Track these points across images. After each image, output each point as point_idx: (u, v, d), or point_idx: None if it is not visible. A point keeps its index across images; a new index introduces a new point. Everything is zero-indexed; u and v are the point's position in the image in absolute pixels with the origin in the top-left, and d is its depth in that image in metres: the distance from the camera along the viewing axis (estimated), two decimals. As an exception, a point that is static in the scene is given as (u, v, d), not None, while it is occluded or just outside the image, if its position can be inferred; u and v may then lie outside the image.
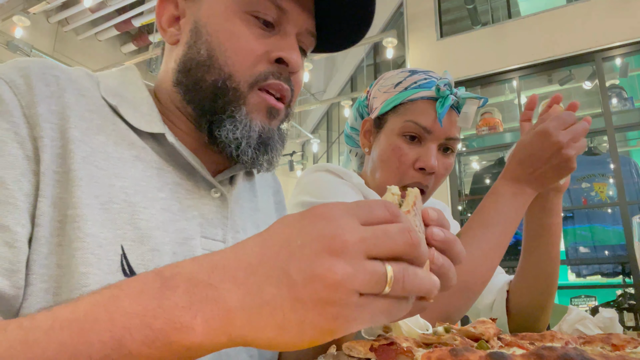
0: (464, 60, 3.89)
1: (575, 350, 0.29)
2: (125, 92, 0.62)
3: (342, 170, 0.98)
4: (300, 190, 0.97)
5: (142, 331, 0.33)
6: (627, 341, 0.47)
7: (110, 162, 0.55)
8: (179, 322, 0.32)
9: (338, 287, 0.31)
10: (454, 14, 4.92)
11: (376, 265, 0.33)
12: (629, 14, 3.32)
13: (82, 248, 0.49)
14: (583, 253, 3.35)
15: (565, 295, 4.09)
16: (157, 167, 0.60)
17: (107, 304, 0.34)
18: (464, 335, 0.48)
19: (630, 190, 3.20)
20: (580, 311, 0.74)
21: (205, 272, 0.34)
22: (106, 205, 0.52)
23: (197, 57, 0.61)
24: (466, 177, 4.20)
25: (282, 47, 0.61)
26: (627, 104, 3.43)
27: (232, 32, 0.60)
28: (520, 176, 0.79)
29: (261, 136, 0.61)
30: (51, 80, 0.55)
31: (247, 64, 0.60)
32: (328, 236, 0.32)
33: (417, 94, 0.95)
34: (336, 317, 0.32)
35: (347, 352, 0.40)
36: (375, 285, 0.32)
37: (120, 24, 5.24)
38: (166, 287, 0.34)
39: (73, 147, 0.52)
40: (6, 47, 4.28)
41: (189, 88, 0.61)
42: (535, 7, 4.06)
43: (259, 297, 0.32)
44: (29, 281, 0.47)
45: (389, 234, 0.34)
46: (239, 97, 0.60)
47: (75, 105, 0.55)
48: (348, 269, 0.31)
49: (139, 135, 0.60)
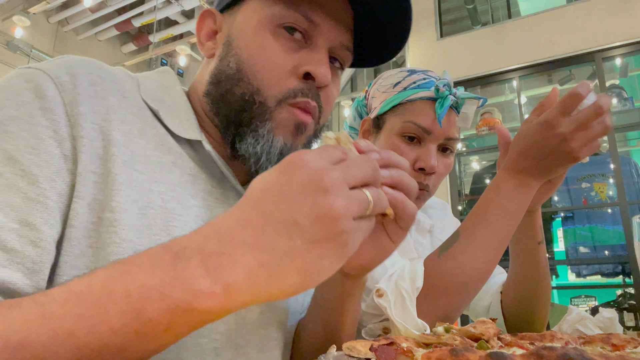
0: (464, 60, 3.89)
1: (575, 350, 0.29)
2: (165, 96, 0.63)
3: None
4: None
5: (162, 300, 0.34)
6: (627, 341, 0.47)
7: (150, 166, 0.55)
8: (199, 289, 0.34)
9: (341, 218, 0.36)
10: (454, 14, 4.92)
11: (359, 193, 0.39)
12: (629, 14, 3.32)
13: (117, 253, 0.48)
14: (583, 253, 3.35)
15: (565, 295, 4.10)
16: (191, 174, 0.60)
17: (122, 277, 0.35)
18: (464, 335, 0.47)
19: (630, 190, 3.20)
20: (580, 311, 0.74)
21: (214, 243, 0.36)
22: (143, 210, 0.52)
23: (227, 70, 0.61)
24: (466, 177, 4.20)
25: (310, 61, 0.60)
26: (627, 104, 3.43)
27: (261, 46, 0.59)
28: (522, 168, 0.74)
29: (282, 153, 0.60)
30: (96, 80, 0.55)
31: (275, 79, 0.59)
32: (315, 180, 0.37)
33: (416, 94, 0.94)
34: (345, 243, 0.37)
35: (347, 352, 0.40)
36: (363, 209, 0.39)
37: (120, 24, 5.24)
38: (179, 260, 0.35)
39: (115, 149, 0.52)
40: (6, 47, 4.28)
41: (217, 99, 0.62)
42: (535, 7, 4.06)
43: (274, 252, 0.35)
44: (57, 282, 0.47)
45: (358, 165, 0.40)
46: (265, 112, 0.59)
47: (118, 108, 0.55)
48: (343, 201, 0.37)
49: (176, 140, 0.60)
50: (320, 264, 0.36)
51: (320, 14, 0.60)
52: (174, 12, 4.88)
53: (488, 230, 0.74)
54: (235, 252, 0.35)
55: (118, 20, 5.13)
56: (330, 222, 0.36)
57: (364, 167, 0.40)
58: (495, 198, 0.75)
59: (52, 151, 0.48)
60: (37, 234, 0.45)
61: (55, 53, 5.06)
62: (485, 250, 0.73)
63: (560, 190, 3.53)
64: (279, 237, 0.35)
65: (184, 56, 4.89)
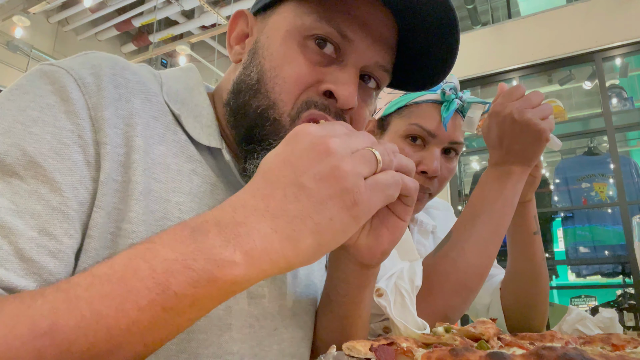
0: (464, 60, 3.89)
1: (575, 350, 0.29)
2: (188, 98, 0.60)
3: None
4: None
5: (185, 273, 0.34)
6: (627, 341, 0.47)
7: (169, 174, 0.53)
8: (220, 259, 0.35)
9: (346, 176, 0.37)
10: (454, 14, 4.91)
11: (365, 151, 0.40)
12: (629, 14, 3.32)
13: None
14: (583, 253, 3.35)
15: (565, 295, 4.10)
16: (211, 183, 0.57)
17: (144, 255, 0.35)
18: (464, 335, 0.48)
19: (630, 190, 3.20)
20: (580, 311, 0.74)
21: (229, 214, 0.37)
22: (160, 222, 0.50)
23: (248, 80, 0.57)
24: (466, 177, 4.20)
25: (335, 79, 0.55)
26: (627, 104, 3.43)
27: (285, 56, 0.55)
28: (499, 159, 0.77)
29: None
30: (121, 82, 0.52)
31: (294, 92, 0.54)
32: (317, 144, 0.38)
33: (422, 96, 0.94)
34: (355, 202, 0.38)
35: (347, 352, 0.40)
36: (370, 164, 0.40)
37: (120, 24, 5.24)
38: (198, 233, 0.36)
39: (137, 157, 0.50)
40: (6, 47, 4.29)
41: (235, 111, 0.58)
42: (535, 7, 4.06)
43: (285, 215, 0.37)
44: None
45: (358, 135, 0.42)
46: (279, 130, 0.55)
47: (142, 111, 0.53)
48: (346, 160, 0.38)
49: (197, 147, 0.58)
50: (331, 225, 0.37)
51: (356, 30, 0.55)
52: (174, 12, 4.88)
53: (477, 224, 0.74)
54: (249, 220, 0.36)
55: (118, 20, 5.13)
56: (336, 181, 0.37)
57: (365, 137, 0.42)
58: (480, 194, 0.77)
59: (76, 158, 0.46)
60: (56, 245, 0.43)
61: (55, 53, 5.06)
62: (477, 246, 0.73)
63: (560, 190, 3.54)
64: (287, 201, 0.37)
65: (184, 56, 4.89)
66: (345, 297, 0.59)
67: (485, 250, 0.74)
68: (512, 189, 0.76)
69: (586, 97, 4.24)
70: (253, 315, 0.57)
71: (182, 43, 4.77)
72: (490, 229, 0.74)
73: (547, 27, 3.61)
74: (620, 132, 3.44)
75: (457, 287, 0.72)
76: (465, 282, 0.73)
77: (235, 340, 0.55)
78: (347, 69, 0.56)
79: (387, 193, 0.41)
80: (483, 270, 0.74)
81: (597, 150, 3.53)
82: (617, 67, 3.66)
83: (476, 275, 0.74)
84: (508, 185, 0.75)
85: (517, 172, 0.76)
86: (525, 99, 0.75)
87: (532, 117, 0.73)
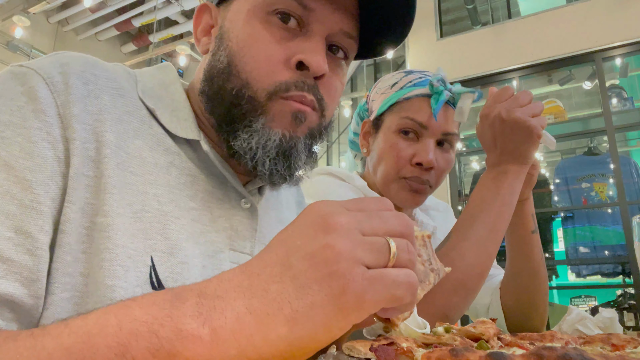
0: (464, 60, 3.89)
1: (575, 350, 0.29)
2: (164, 93, 0.60)
3: (344, 173, 0.99)
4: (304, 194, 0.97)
5: (148, 338, 0.31)
6: (627, 341, 0.47)
7: (146, 168, 0.53)
8: (186, 329, 0.31)
9: (338, 257, 0.31)
10: (454, 14, 4.92)
11: (376, 238, 0.33)
12: (629, 14, 3.32)
13: (110, 259, 0.47)
14: (583, 253, 3.35)
15: (565, 295, 4.10)
16: (190, 175, 0.58)
17: (118, 312, 0.33)
18: (464, 335, 0.48)
19: (630, 190, 3.20)
20: (580, 311, 0.74)
21: (213, 286, 0.34)
22: (138, 214, 0.50)
23: (218, 65, 0.58)
24: (466, 177, 4.20)
25: (303, 49, 0.55)
26: (627, 104, 3.43)
27: (250, 36, 0.56)
28: (494, 160, 0.79)
29: (282, 145, 0.56)
30: (90, 79, 0.53)
31: (266, 71, 0.55)
32: (319, 221, 0.33)
33: (412, 92, 0.97)
34: (344, 290, 0.31)
35: (347, 352, 0.40)
36: (378, 254, 0.33)
37: (120, 24, 5.24)
38: (177, 299, 0.33)
39: (108, 152, 0.50)
40: (6, 47, 4.29)
41: (210, 97, 0.58)
42: (535, 7, 4.06)
43: (264, 297, 0.32)
44: (50, 290, 0.46)
45: (382, 216, 0.35)
46: (257, 107, 0.55)
47: (113, 107, 0.53)
48: (345, 241, 0.32)
49: (174, 140, 0.58)
50: (311, 314, 0.31)
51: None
52: (174, 12, 4.88)
53: (475, 225, 0.75)
54: (228, 296, 0.33)
55: (118, 20, 5.13)
56: (325, 263, 0.32)
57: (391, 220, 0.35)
58: (478, 192, 0.78)
59: (45, 154, 0.46)
60: (33, 242, 0.44)
61: (55, 53, 5.06)
62: (476, 245, 0.74)
63: (560, 190, 3.54)
64: (272, 282, 0.32)
65: (184, 56, 4.88)
66: None
67: (484, 249, 0.74)
68: (508, 188, 0.77)
69: (586, 97, 4.23)
70: None
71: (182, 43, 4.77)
72: (488, 229, 0.75)
73: (547, 27, 3.61)
74: (620, 132, 3.44)
75: (457, 286, 0.72)
76: (465, 281, 0.73)
77: None
78: (313, 38, 0.56)
79: (393, 292, 0.33)
80: (482, 270, 0.75)
81: (597, 150, 3.53)
82: (617, 67, 3.66)
83: (476, 274, 0.74)
84: (504, 185, 0.77)
85: (512, 171, 0.77)
86: (513, 99, 0.77)
87: (521, 116, 0.75)
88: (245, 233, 0.62)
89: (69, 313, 0.45)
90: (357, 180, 0.98)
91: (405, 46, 4.33)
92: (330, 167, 1.01)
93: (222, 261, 0.57)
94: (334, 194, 0.93)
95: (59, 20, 5.08)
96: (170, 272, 0.51)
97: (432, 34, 4.19)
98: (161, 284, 0.49)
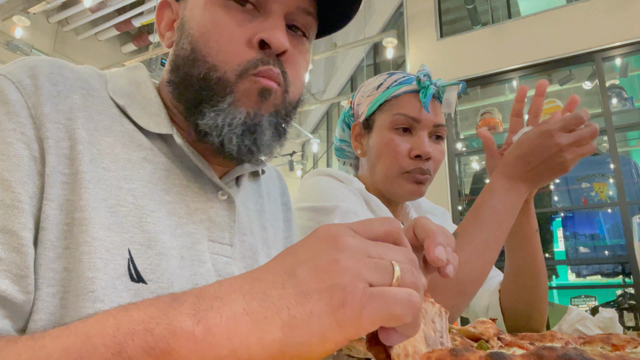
0: (464, 60, 3.89)
1: (575, 350, 0.29)
2: (134, 91, 0.62)
3: (343, 175, 1.01)
4: (301, 196, 0.99)
5: (144, 337, 0.32)
6: (627, 341, 0.47)
7: (119, 164, 0.54)
8: (180, 327, 0.32)
9: (343, 272, 0.32)
10: (454, 14, 4.92)
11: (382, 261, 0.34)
12: (629, 14, 3.32)
13: (89, 252, 0.48)
14: (583, 253, 3.35)
15: (565, 295, 4.10)
16: (165, 169, 0.59)
17: (117, 314, 0.34)
18: (464, 335, 0.48)
19: (630, 190, 3.20)
20: (580, 311, 0.74)
21: (213, 289, 0.34)
22: (114, 208, 0.51)
23: (182, 53, 0.59)
24: (466, 177, 4.20)
25: (263, 28, 0.57)
26: (627, 104, 3.43)
27: (211, 21, 0.58)
28: (515, 173, 0.79)
29: (246, 122, 0.57)
30: (59, 80, 0.54)
31: (232, 52, 0.57)
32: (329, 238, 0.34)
33: (399, 89, 1.01)
34: (343, 302, 0.31)
35: (347, 352, 0.40)
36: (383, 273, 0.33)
37: (120, 24, 5.24)
38: (175, 301, 0.34)
39: (81, 148, 0.51)
40: (6, 47, 4.28)
41: (177, 85, 0.60)
42: (535, 7, 4.06)
43: (264, 300, 0.33)
44: (35, 285, 0.46)
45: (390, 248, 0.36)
46: (226, 86, 0.57)
47: (83, 106, 0.54)
48: (352, 259, 0.33)
49: (147, 136, 0.59)
50: (308, 322, 0.31)
51: None
52: (174, 12, 4.87)
53: (482, 230, 0.76)
54: (228, 297, 0.33)
55: (118, 20, 5.13)
56: (328, 274, 0.32)
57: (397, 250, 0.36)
58: (488, 201, 0.79)
59: (21, 153, 0.48)
60: (18, 240, 0.45)
61: (55, 53, 5.06)
62: (480, 249, 0.75)
63: (560, 190, 3.53)
64: (274, 287, 0.33)
65: (184, 56, 4.88)
66: None
67: (487, 255, 0.76)
68: (516, 202, 0.79)
69: (586, 97, 4.23)
70: None
71: (182, 43, 4.77)
72: (493, 237, 0.76)
73: (547, 27, 3.61)
74: (620, 132, 3.44)
75: (457, 289, 0.73)
76: (465, 284, 0.74)
77: None
78: (272, 16, 0.58)
79: (392, 310, 0.32)
80: (481, 275, 0.76)
81: (597, 150, 3.53)
82: (617, 67, 3.66)
83: (476, 279, 0.75)
84: (513, 199, 0.79)
85: (522, 191, 0.79)
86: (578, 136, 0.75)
87: (571, 157, 0.75)
88: (224, 224, 0.62)
89: (56, 307, 0.46)
90: (355, 182, 1.00)
91: (405, 46, 4.34)
92: (330, 169, 1.03)
93: (201, 252, 0.58)
94: (333, 195, 0.94)
95: (59, 20, 5.08)
96: (149, 264, 0.51)
97: (432, 34, 4.18)
98: (140, 276, 0.50)
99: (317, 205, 0.92)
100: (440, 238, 0.40)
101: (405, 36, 4.33)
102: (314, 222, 0.90)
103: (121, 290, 0.48)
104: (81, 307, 0.46)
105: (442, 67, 3.83)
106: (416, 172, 0.98)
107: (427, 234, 0.41)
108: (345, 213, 0.88)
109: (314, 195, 0.96)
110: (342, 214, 0.88)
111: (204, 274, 0.56)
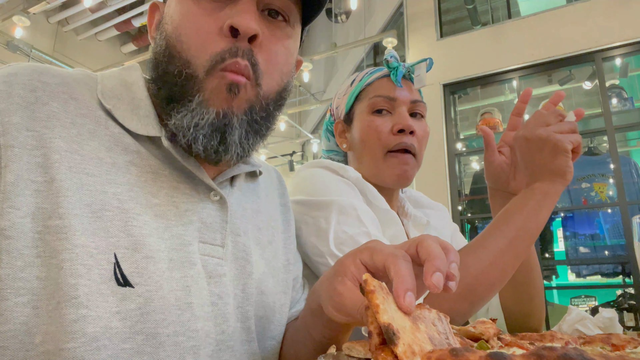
0: (464, 60, 3.89)
1: (575, 350, 0.29)
2: (124, 93, 0.61)
3: (338, 165, 0.98)
4: (295, 188, 0.97)
5: None
6: (627, 341, 0.47)
7: (103, 168, 0.54)
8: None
9: None
10: (454, 14, 4.91)
11: None
12: (629, 14, 3.32)
13: (70, 259, 0.47)
14: (583, 253, 3.35)
15: (565, 295, 4.09)
16: (152, 172, 0.58)
17: None
18: (464, 335, 0.48)
19: (630, 190, 3.19)
20: (580, 311, 0.74)
21: None
22: (98, 213, 0.51)
23: (159, 50, 0.59)
24: (466, 177, 4.20)
25: (232, 14, 0.56)
26: (627, 104, 3.43)
27: (181, 14, 0.57)
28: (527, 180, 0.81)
29: (214, 123, 0.56)
30: (38, 85, 0.54)
31: (202, 44, 0.56)
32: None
33: (371, 77, 1.05)
34: None
35: (347, 352, 0.40)
36: None
37: (120, 24, 5.24)
38: None
39: (58, 157, 0.51)
40: (6, 47, 4.28)
41: (157, 82, 0.59)
42: (535, 7, 4.06)
43: None
44: (2, 295, 0.45)
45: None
46: (194, 84, 0.56)
47: (63, 112, 0.54)
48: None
49: (135, 138, 0.58)
50: None
51: None
52: (174, 12, 4.87)
53: (495, 235, 0.75)
54: None
55: (118, 20, 5.12)
56: None
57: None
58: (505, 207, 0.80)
59: None
60: None
61: (55, 53, 5.06)
62: (492, 255, 0.73)
63: (560, 190, 3.53)
64: None
65: (184, 56, 4.88)
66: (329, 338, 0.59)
67: (501, 261, 0.74)
68: (535, 205, 0.77)
69: (586, 97, 4.23)
70: (215, 293, 0.58)
71: (182, 43, 4.77)
72: (507, 241, 0.75)
73: (547, 27, 3.61)
74: (620, 132, 3.44)
75: (466, 292, 0.72)
76: (474, 288, 0.72)
77: (198, 318, 0.55)
78: (241, 1, 0.57)
79: None
80: (494, 281, 0.74)
81: (597, 150, 3.53)
82: (617, 67, 3.65)
83: (487, 283, 0.73)
84: (531, 202, 0.77)
85: (541, 189, 0.78)
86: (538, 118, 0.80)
87: (543, 132, 0.77)
88: (215, 225, 0.62)
89: (27, 317, 0.45)
90: (351, 171, 0.98)
91: (405, 46, 4.33)
92: (325, 160, 1.01)
93: (191, 254, 0.57)
94: (328, 189, 0.92)
95: (59, 20, 5.07)
96: (136, 267, 0.51)
97: (432, 34, 4.18)
98: (126, 279, 0.50)
99: (312, 200, 0.89)
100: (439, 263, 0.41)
101: (405, 36, 4.33)
102: (308, 216, 0.88)
103: (107, 295, 0.48)
104: (64, 314, 0.45)
105: (442, 67, 3.83)
106: (400, 151, 0.98)
107: (428, 257, 0.41)
108: (343, 208, 0.86)
109: (309, 188, 0.94)
110: (340, 209, 0.86)
111: (194, 276, 0.56)
